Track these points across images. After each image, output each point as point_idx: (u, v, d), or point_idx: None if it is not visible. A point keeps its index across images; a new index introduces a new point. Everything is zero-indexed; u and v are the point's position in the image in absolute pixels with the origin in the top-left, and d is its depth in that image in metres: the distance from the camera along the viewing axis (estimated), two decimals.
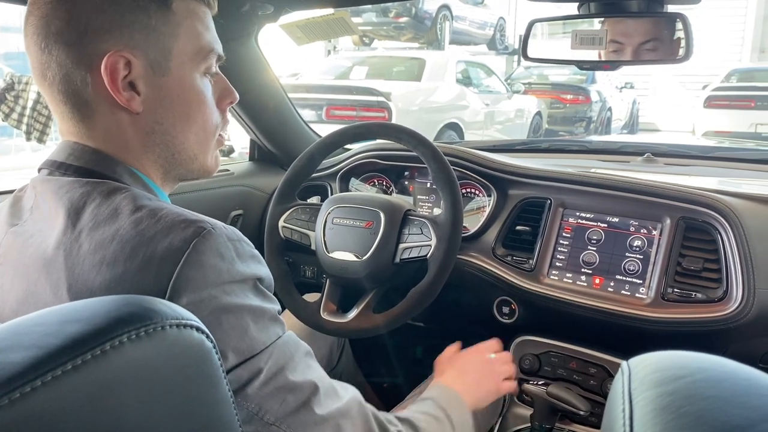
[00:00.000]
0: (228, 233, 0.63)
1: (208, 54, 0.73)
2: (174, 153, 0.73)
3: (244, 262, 0.64)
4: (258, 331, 0.63)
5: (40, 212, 0.67)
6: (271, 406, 0.62)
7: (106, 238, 0.61)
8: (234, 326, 0.61)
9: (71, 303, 0.47)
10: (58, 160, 0.70)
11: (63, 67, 0.66)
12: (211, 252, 0.60)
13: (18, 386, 0.38)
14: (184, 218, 0.61)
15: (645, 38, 1.15)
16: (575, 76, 9.69)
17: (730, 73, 8.92)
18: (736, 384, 0.33)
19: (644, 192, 1.23)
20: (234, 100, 0.79)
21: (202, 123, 0.74)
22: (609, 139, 5.99)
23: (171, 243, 0.59)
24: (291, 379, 0.64)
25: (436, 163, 1.21)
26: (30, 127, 4.77)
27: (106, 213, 0.63)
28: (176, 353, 0.47)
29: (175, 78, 0.70)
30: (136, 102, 0.68)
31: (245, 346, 0.61)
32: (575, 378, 1.26)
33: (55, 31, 0.65)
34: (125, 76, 0.67)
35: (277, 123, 1.78)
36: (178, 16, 0.70)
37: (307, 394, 0.65)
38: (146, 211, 0.62)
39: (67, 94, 0.68)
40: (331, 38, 1.67)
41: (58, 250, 0.62)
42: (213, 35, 0.75)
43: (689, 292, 1.15)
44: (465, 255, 1.36)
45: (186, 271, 0.58)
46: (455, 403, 0.94)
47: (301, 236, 1.32)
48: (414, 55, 7.48)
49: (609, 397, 0.38)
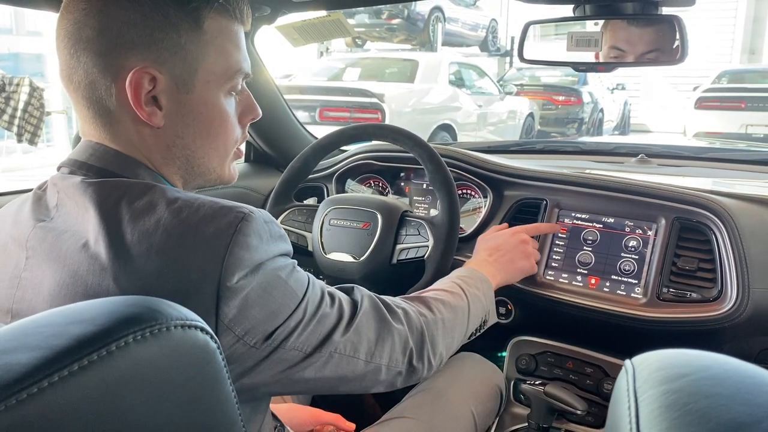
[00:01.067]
0: (264, 216, 0.68)
1: (235, 74, 0.74)
2: (194, 166, 0.76)
3: (276, 242, 0.69)
4: (295, 284, 0.70)
5: (66, 209, 0.68)
6: (312, 340, 0.70)
7: (148, 228, 0.63)
8: (277, 289, 0.67)
9: (76, 304, 0.48)
10: (80, 159, 0.71)
11: (89, 74, 0.68)
12: (253, 233, 0.65)
13: (25, 387, 0.38)
14: (222, 205, 0.66)
15: (648, 48, 1.16)
16: (567, 77, 9.73)
17: (720, 75, 8.97)
18: (740, 381, 0.33)
19: (639, 193, 1.24)
20: (256, 117, 0.82)
21: (224, 140, 0.77)
22: (601, 140, 6.03)
23: (218, 227, 0.63)
24: (324, 312, 0.72)
25: (432, 165, 1.21)
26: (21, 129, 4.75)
27: (141, 205, 0.65)
28: (181, 354, 0.47)
29: (198, 96, 0.71)
30: (157, 117, 0.70)
31: (289, 300, 0.68)
32: (571, 378, 1.27)
33: (85, 38, 0.66)
34: (149, 91, 0.68)
35: (273, 124, 1.78)
36: (208, 35, 0.70)
37: (337, 317, 0.74)
38: (182, 202, 0.65)
39: (91, 100, 0.69)
40: (327, 39, 1.67)
41: (99, 242, 0.63)
42: (243, 54, 0.76)
43: (684, 292, 1.15)
44: (461, 256, 1.36)
45: (235, 251, 0.63)
46: (473, 278, 1.04)
47: (297, 237, 1.32)
48: (407, 57, 7.48)
49: (613, 395, 0.38)
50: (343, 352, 0.73)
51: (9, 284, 0.69)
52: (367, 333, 0.77)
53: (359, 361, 0.76)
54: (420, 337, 0.84)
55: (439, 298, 0.94)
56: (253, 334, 0.65)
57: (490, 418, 1.23)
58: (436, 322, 0.89)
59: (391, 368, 0.80)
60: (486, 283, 1.06)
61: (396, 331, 0.80)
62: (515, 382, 1.31)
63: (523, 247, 1.19)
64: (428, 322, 0.87)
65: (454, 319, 0.93)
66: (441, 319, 0.90)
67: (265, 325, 0.66)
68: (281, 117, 1.79)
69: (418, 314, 0.86)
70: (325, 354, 0.72)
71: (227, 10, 0.72)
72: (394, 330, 0.80)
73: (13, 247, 0.70)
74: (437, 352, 0.87)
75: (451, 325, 0.92)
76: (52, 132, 7.05)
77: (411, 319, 0.84)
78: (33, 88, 4.47)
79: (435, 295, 0.96)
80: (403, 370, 0.82)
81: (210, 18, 0.70)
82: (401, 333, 0.81)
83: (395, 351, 0.80)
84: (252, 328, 0.64)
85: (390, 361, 0.79)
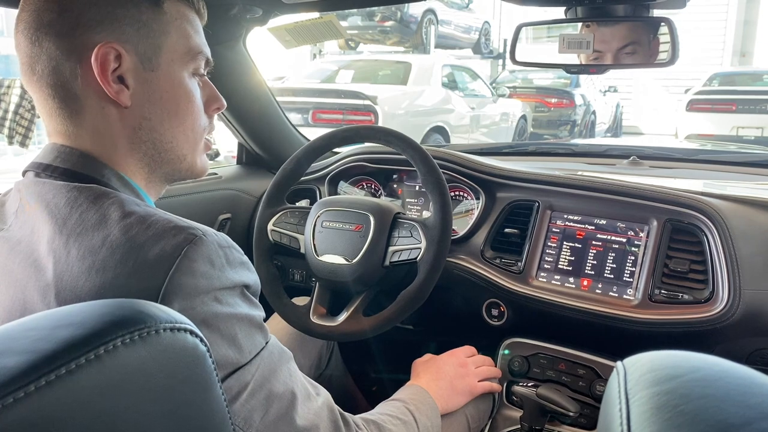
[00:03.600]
0: (218, 240, 0.63)
1: (197, 55, 0.74)
2: (161, 151, 0.73)
3: (234, 269, 0.64)
4: (245, 339, 0.64)
5: (25, 217, 0.67)
6: (255, 419, 0.64)
7: (95, 245, 0.61)
8: (224, 334, 0.62)
9: (64, 307, 0.47)
10: (44, 162, 0.69)
11: (53, 59, 0.66)
12: (202, 259, 0.60)
13: (12, 391, 0.38)
14: (175, 225, 0.61)
15: (623, 43, 1.17)
16: (559, 80, 9.76)
17: (711, 77, 9.02)
18: (731, 383, 0.33)
19: (631, 194, 1.24)
20: (221, 107, 0.80)
21: (191, 123, 0.75)
22: (594, 142, 6.05)
23: (163, 249, 0.59)
24: (275, 389, 0.66)
25: (425, 166, 1.21)
26: (12, 131, 4.72)
27: (93, 219, 0.62)
28: (170, 357, 0.47)
29: (164, 74, 0.71)
30: (125, 95, 0.68)
31: (233, 355, 0.62)
32: (564, 379, 1.27)
33: (46, 22, 0.66)
34: (115, 69, 0.67)
35: (266, 126, 1.77)
36: (168, 15, 0.71)
37: (288, 403, 0.67)
38: (135, 218, 0.62)
39: (56, 87, 0.68)
40: (320, 41, 1.67)
41: (48, 257, 0.62)
42: (202, 39, 0.76)
43: (676, 294, 1.16)
44: (454, 258, 1.36)
45: (177, 277, 0.59)
46: (424, 405, 0.98)
47: (290, 240, 1.31)
48: (400, 59, 7.49)
49: (605, 396, 0.38)
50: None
51: None
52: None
53: None
54: None
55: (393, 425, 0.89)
56: None
57: (483, 420, 1.23)
58: None
59: None
60: (435, 411, 1.02)
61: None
62: (508, 383, 1.31)
63: (461, 369, 1.16)
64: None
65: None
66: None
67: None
68: (273, 119, 1.78)
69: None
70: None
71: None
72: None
73: None
74: None
75: None
76: (43, 134, 7.03)
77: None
78: (24, 90, 4.44)
79: (392, 426, 0.89)
80: None
81: (169, 0, 0.71)
82: None
83: None
84: None
85: None
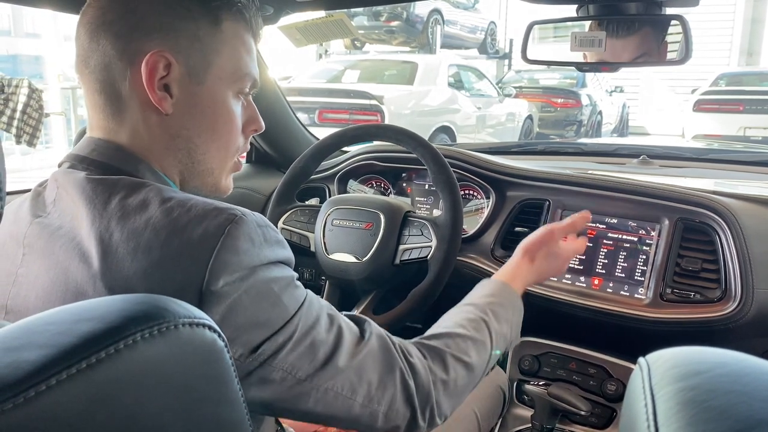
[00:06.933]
0: (257, 219, 0.66)
1: (245, 76, 0.76)
2: (194, 162, 0.75)
3: (271, 247, 0.67)
4: (288, 299, 0.66)
5: (63, 204, 0.68)
6: (302, 364, 0.66)
7: (138, 227, 0.62)
8: (267, 300, 0.65)
9: (83, 302, 0.47)
10: (81, 154, 0.71)
11: (106, 56, 0.69)
12: (243, 237, 0.63)
13: (33, 385, 0.38)
14: (215, 206, 0.64)
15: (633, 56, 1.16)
16: (565, 80, 9.74)
17: (718, 77, 8.98)
18: (757, 378, 0.33)
19: (642, 193, 1.24)
20: (259, 129, 0.82)
21: (226, 141, 0.77)
22: (602, 141, 6.03)
23: (206, 229, 0.62)
24: (319, 336, 0.68)
25: (435, 165, 1.21)
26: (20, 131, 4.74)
27: (134, 203, 0.64)
28: (189, 352, 0.47)
29: (208, 89, 0.73)
30: (167, 103, 0.70)
31: (278, 315, 0.65)
32: (575, 378, 1.27)
33: (108, 21, 0.69)
34: (162, 77, 0.69)
35: (275, 125, 1.77)
36: (224, 34, 0.73)
37: (333, 346, 0.69)
38: (175, 201, 0.64)
39: (104, 83, 0.70)
40: (330, 40, 1.67)
41: (90, 240, 0.63)
42: (253, 61, 0.78)
43: (688, 293, 1.15)
44: (464, 256, 1.36)
45: (222, 254, 0.61)
46: (506, 309, 0.93)
47: (300, 238, 1.31)
48: (406, 59, 7.49)
49: (627, 392, 0.38)
50: (339, 391, 0.68)
51: (5, 281, 0.69)
52: (369, 374, 0.71)
53: (355, 403, 0.70)
54: (425, 398, 0.76)
55: (458, 357, 0.82)
56: (238, 344, 0.62)
57: (493, 419, 1.23)
58: (447, 386, 0.79)
59: (390, 418, 0.72)
60: (517, 310, 0.96)
61: (401, 381, 0.73)
62: (518, 383, 1.30)
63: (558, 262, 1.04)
64: (437, 383, 0.78)
65: (469, 381, 0.83)
66: (454, 381, 0.80)
67: (251, 335, 0.63)
68: (283, 118, 1.79)
69: (428, 371, 0.77)
70: (318, 388, 0.67)
71: (244, 18, 0.75)
72: (399, 379, 0.73)
73: (11, 244, 0.71)
74: (442, 413, 0.79)
75: (463, 386, 0.82)
76: (50, 134, 7.04)
77: (420, 377, 0.75)
78: (32, 90, 4.46)
79: (457, 346, 0.83)
80: (402, 425, 0.74)
81: (228, 20, 0.73)
82: (407, 385, 0.74)
83: (396, 401, 0.73)
84: (236, 337, 0.62)
85: (389, 411, 0.72)
